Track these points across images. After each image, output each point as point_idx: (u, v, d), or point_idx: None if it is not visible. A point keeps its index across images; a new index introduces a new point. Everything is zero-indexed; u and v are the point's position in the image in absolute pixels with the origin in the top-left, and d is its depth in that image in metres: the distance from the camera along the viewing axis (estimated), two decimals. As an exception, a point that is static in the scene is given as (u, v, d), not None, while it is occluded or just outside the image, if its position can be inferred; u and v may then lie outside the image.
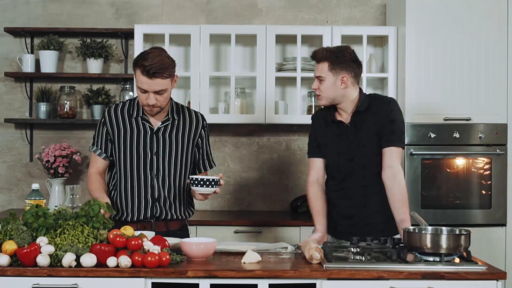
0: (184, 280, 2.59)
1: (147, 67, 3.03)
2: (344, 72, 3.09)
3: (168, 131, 3.24)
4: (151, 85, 3.06)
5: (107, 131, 3.23)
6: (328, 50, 3.13)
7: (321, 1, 4.80)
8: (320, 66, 3.12)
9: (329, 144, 3.20)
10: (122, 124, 3.23)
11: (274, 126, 4.72)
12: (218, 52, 4.74)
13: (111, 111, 3.26)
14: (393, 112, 3.13)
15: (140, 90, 3.10)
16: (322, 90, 3.12)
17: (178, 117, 3.27)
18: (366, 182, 3.15)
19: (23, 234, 2.63)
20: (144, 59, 3.05)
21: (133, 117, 3.23)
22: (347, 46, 3.19)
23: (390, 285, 2.58)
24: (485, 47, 4.20)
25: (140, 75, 3.06)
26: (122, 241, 2.61)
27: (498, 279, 2.60)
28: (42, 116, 4.63)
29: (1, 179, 4.79)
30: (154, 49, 3.13)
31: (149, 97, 3.08)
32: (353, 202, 3.16)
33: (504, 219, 4.21)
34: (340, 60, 3.09)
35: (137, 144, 3.21)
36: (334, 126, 3.19)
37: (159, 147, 3.22)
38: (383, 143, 3.10)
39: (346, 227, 3.18)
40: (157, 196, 3.21)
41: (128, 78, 4.66)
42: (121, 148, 3.22)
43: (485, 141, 4.19)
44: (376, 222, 3.15)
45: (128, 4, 4.79)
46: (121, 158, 3.22)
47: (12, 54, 4.78)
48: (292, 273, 2.59)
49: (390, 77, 4.42)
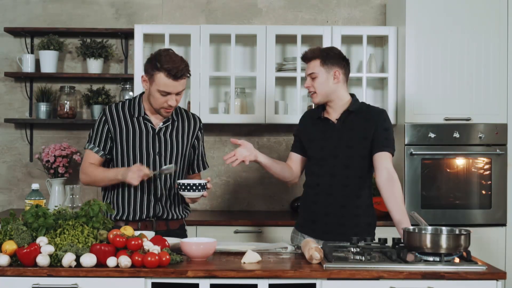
0: (184, 280, 2.59)
1: (173, 70, 3.02)
2: (336, 67, 3.20)
3: (169, 131, 3.25)
4: (176, 87, 3.06)
5: (108, 129, 3.22)
6: (317, 48, 3.27)
7: (321, 1, 4.80)
8: (311, 64, 3.23)
9: (314, 140, 3.26)
10: (124, 123, 3.22)
11: (274, 126, 4.72)
12: (218, 52, 4.74)
13: (112, 109, 3.24)
14: (386, 121, 3.22)
15: (160, 93, 3.07)
16: (316, 86, 3.21)
17: (177, 118, 3.28)
18: (348, 183, 3.19)
19: (23, 234, 2.63)
20: (167, 62, 3.03)
21: (135, 116, 3.23)
22: (334, 46, 3.41)
23: (390, 285, 2.59)
24: (485, 47, 4.20)
25: (165, 78, 3.04)
26: (122, 241, 2.61)
27: (498, 279, 2.60)
28: (42, 116, 4.63)
29: (1, 179, 4.79)
30: (168, 51, 3.11)
31: (170, 98, 3.08)
32: (332, 200, 3.19)
33: (504, 219, 4.21)
34: (330, 56, 3.21)
35: (139, 143, 3.20)
36: (320, 123, 3.27)
37: (161, 147, 3.22)
38: (376, 148, 3.16)
39: (322, 225, 3.20)
40: (160, 195, 3.22)
41: (128, 78, 4.65)
42: (124, 147, 3.21)
43: (485, 141, 4.19)
44: (352, 224, 3.18)
45: (128, 4, 4.80)
46: (124, 157, 3.21)
47: (12, 54, 4.78)
48: (292, 273, 2.59)
49: (390, 77, 4.42)
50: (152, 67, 3.07)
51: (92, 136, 3.25)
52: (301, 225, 3.32)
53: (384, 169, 3.11)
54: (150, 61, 3.11)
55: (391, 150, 3.17)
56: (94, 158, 3.23)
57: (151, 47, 4.69)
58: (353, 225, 3.18)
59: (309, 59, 3.24)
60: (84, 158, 3.27)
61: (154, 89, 3.08)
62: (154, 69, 3.06)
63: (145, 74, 3.14)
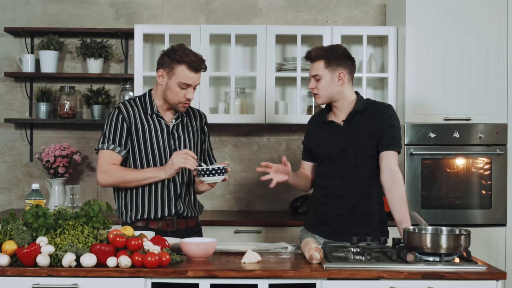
0: (184, 280, 2.59)
1: (195, 62, 3.10)
2: (341, 68, 3.15)
3: (180, 127, 3.26)
4: (196, 79, 3.14)
5: (127, 127, 3.17)
6: (321, 48, 3.20)
7: (321, 1, 4.80)
8: (315, 65, 3.18)
9: (322, 144, 3.23)
10: (139, 121, 3.20)
11: (274, 126, 4.72)
12: (218, 52, 4.74)
13: (128, 107, 3.21)
14: (392, 117, 3.17)
15: (180, 86, 3.11)
16: (320, 88, 3.17)
17: (185, 114, 3.30)
18: (358, 183, 3.16)
19: (23, 234, 2.63)
20: (187, 55, 3.09)
21: (148, 114, 3.22)
22: (339, 44, 3.28)
23: (390, 285, 2.59)
24: (485, 47, 4.20)
25: (186, 70, 3.10)
26: (122, 241, 2.61)
27: (498, 279, 2.60)
28: (42, 116, 4.63)
29: (1, 179, 4.79)
30: (183, 45, 3.17)
31: (189, 91, 3.13)
32: (342, 201, 3.17)
33: (504, 219, 4.21)
34: (335, 57, 3.15)
35: (157, 141, 3.20)
36: (326, 127, 3.23)
37: (176, 144, 3.22)
38: (382, 147, 3.13)
39: (334, 226, 3.18)
40: (179, 192, 3.22)
41: (128, 78, 4.65)
42: (141, 146, 3.18)
43: (485, 141, 4.19)
44: (364, 224, 3.17)
45: (128, 4, 4.79)
46: (142, 156, 3.19)
47: (12, 54, 4.78)
48: (292, 273, 2.59)
49: (390, 77, 4.42)
50: (171, 60, 3.11)
51: (109, 135, 3.16)
52: (312, 226, 3.27)
53: (387, 169, 3.10)
54: (168, 55, 3.13)
55: (397, 148, 3.14)
56: (115, 158, 3.15)
57: (151, 47, 4.70)
58: (365, 224, 3.16)
59: (312, 59, 3.19)
60: (101, 159, 3.15)
61: (174, 82, 3.11)
62: (175, 62, 3.10)
63: (162, 69, 3.14)
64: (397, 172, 3.09)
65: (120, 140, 3.16)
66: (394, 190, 3.06)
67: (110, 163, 3.14)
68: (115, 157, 3.15)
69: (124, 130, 3.17)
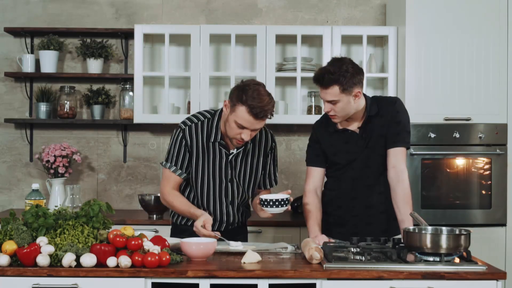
0: (184, 280, 2.59)
1: (257, 108, 2.93)
2: (356, 88, 3.03)
3: (241, 156, 3.20)
4: (254, 124, 2.99)
5: (189, 151, 3.17)
6: (331, 72, 2.99)
7: (321, 1, 4.80)
8: (330, 91, 3.00)
9: (337, 152, 3.18)
10: (201, 147, 3.16)
11: (274, 126, 4.71)
12: (218, 52, 4.74)
13: (192, 132, 3.16)
14: (399, 113, 3.13)
15: (236, 125, 3.00)
16: (338, 111, 3.05)
17: (250, 141, 3.20)
18: (370, 182, 3.16)
19: (23, 234, 2.63)
20: (253, 99, 2.93)
21: (210, 141, 3.16)
22: (344, 59, 3.08)
23: (390, 285, 2.59)
24: (485, 47, 4.20)
25: (245, 113, 2.95)
26: (122, 241, 2.61)
27: (498, 279, 2.60)
28: (42, 116, 4.63)
29: (1, 179, 4.79)
30: (258, 86, 2.99)
31: (245, 132, 3.01)
32: (356, 202, 3.17)
33: (504, 219, 4.21)
34: (348, 79, 2.98)
35: (213, 169, 3.17)
36: (339, 135, 3.18)
37: (233, 173, 3.19)
38: (388, 144, 3.11)
39: (351, 227, 3.17)
40: (232, 220, 3.25)
41: (128, 78, 4.65)
42: (198, 172, 3.18)
43: (485, 141, 4.19)
44: (379, 222, 3.17)
45: (128, 4, 4.79)
46: (198, 181, 3.19)
47: (12, 54, 4.78)
48: (292, 273, 2.59)
49: (390, 77, 4.42)
50: (237, 97, 2.97)
51: (172, 155, 3.18)
52: (327, 229, 3.18)
53: (392, 168, 3.08)
54: (238, 89, 3.01)
55: (402, 144, 3.09)
56: (175, 179, 3.19)
57: (151, 47, 4.70)
58: (380, 222, 3.16)
59: (325, 85, 3.00)
60: (164, 178, 3.22)
61: (232, 119, 3.00)
62: (238, 101, 2.96)
63: (228, 100, 3.05)
64: (402, 171, 3.07)
65: (182, 163, 3.17)
66: (398, 189, 3.05)
67: (169, 185, 3.19)
68: (175, 179, 3.19)
69: (186, 155, 3.17)
